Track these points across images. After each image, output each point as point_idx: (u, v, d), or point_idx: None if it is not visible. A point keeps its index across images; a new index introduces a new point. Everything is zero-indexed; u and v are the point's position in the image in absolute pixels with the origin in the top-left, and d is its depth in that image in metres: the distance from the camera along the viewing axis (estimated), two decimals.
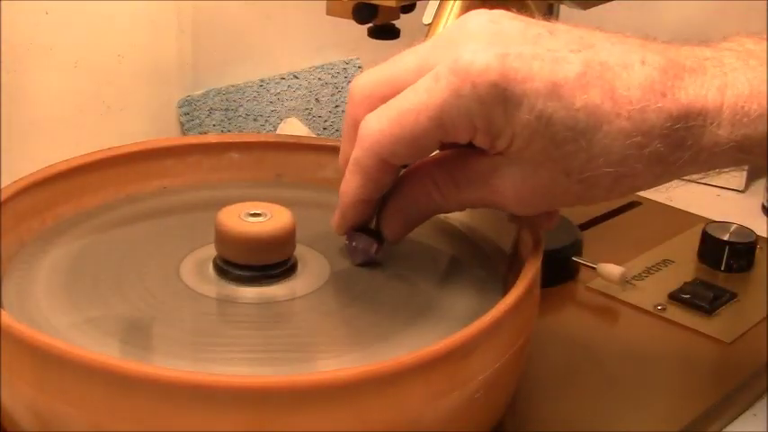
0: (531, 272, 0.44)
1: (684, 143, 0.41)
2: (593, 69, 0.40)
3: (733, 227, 0.66)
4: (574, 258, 0.63)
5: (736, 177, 0.84)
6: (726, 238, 0.65)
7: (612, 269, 0.61)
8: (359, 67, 0.86)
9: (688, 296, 0.60)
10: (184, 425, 0.36)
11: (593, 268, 0.62)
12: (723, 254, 0.64)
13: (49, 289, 0.46)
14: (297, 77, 0.82)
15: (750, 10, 0.78)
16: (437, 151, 0.46)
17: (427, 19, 0.56)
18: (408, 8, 0.61)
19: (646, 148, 0.41)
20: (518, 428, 0.49)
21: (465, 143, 0.42)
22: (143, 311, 0.44)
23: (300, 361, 0.42)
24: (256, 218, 0.47)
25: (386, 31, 0.62)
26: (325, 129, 0.84)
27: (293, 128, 0.78)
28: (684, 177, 0.44)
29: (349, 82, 0.85)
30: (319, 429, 0.36)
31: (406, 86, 0.42)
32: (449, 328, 0.42)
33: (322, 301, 0.46)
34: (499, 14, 0.42)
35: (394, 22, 0.63)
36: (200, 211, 0.53)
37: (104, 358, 0.36)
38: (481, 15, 0.42)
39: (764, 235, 0.68)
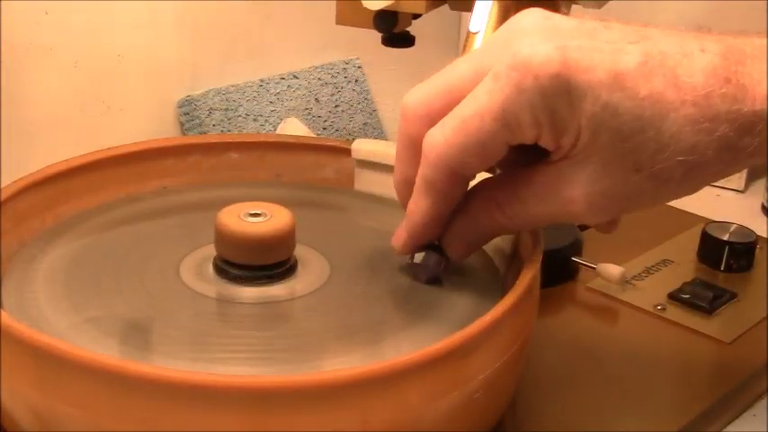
0: (530, 272, 0.44)
1: (754, 129, 0.40)
2: (654, 58, 0.40)
3: (733, 227, 0.66)
4: (574, 258, 0.63)
5: (737, 177, 0.84)
6: (726, 238, 0.65)
7: (612, 269, 0.61)
8: (359, 67, 0.86)
9: (688, 296, 0.60)
10: (184, 425, 0.36)
11: (593, 268, 0.62)
12: (723, 254, 0.64)
13: (49, 289, 0.46)
14: (297, 77, 0.82)
15: (750, 10, 0.78)
16: (496, 173, 0.45)
17: (475, 27, 0.53)
18: (416, 14, 0.61)
19: (715, 133, 0.40)
20: (518, 428, 0.49)
21: (531, 143, 0.41)
22: (143, 311, 0.44)
23: (300, 361, 0.42)
24: (256, 218, 0.47)
25: (401, 39, 0.61)
26: (325, 129, 0.84)
27: (293, 128, 0.78)
28: None
29: (349, 82, 0.85)
30: (319, 429, 0.36)
31: (463, 95, 0.41)
32: (449, 328, 0.42)
33: (322, 301, 0.46)
34: (551, 13, 0.41)
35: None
36: (201, 211, 0.53)
37: (104, 358, 0.36)
38: (533, 13, 0.41)
39: (764, 235, 0.68)
